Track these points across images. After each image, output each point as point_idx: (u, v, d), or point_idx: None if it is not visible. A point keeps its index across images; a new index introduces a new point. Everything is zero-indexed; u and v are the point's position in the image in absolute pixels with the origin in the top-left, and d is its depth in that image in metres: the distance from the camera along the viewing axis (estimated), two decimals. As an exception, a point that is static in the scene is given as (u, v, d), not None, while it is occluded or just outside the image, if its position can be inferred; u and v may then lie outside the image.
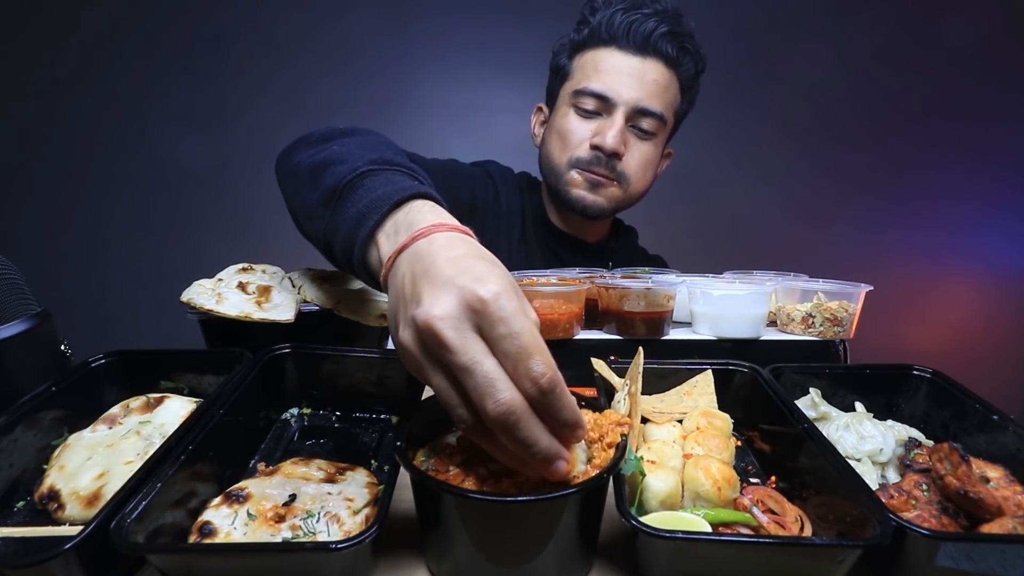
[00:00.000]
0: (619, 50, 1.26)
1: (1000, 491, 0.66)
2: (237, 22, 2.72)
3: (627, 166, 1.30)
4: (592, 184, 1.32)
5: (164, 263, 2.65)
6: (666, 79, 1.29)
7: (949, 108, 2.92)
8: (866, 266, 2.77)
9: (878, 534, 0.54)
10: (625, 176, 1.31)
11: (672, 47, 1.27)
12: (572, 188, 1.33)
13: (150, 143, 2.76)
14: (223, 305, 0.93)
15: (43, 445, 0.76)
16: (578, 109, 1.31)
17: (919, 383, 0.89)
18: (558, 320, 1.04)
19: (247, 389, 0.80)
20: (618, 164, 1.29)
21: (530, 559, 0.58)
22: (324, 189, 0.75)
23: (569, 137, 1.31)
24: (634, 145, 1.31)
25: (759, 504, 0.67)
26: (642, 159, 1.32)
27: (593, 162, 1.29)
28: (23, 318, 0.84)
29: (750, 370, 0.89)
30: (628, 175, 1.31)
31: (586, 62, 1.30)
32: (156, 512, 0.58)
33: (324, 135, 0.92)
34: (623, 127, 1.27)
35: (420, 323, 0.50)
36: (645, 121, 1.29)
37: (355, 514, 0.64)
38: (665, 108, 1.30)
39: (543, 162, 1.41)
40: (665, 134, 1.36)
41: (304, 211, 0.82)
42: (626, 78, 1.26)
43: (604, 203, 1.34)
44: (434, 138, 2.72)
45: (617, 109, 1.26)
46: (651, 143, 1.32)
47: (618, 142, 1.26)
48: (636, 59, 1.26)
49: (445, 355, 0.49)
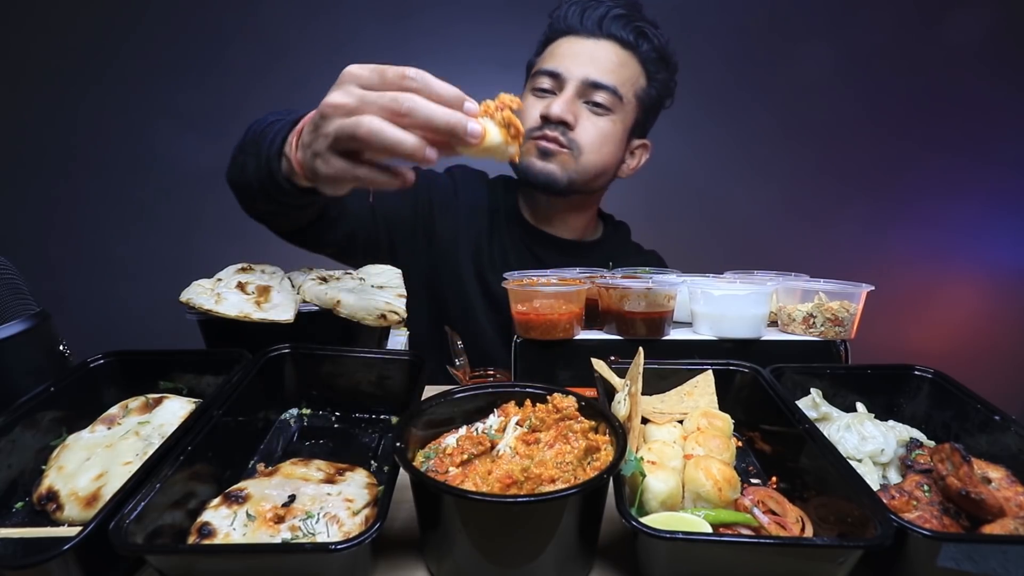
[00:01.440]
0: (575, 36, 1.32)
1: (1002, 492, 0.66)
2: (236, 21, 2.71)
3: (579, 136, 1.32)
4: (542, 152, 1.32)
5: (163, 263, 2.65)
6: (621, 58, 1.32)
7: (950, 107, 2.91)
8: (867, 266, 2.76)
9: (879, 535, 0.54)
10: (577, 144, 1.32)
11: (625, 29, 1.31)
12: (525, 158, 1.35)
13: (149, 142, 2.76)
14: (222, 305, 0.93)
15: (42, 446, 0.76)
16: (534, 90, 1.35)
17: (920, 383, 0.89)
18: (558, 320, 1.04)
19: (246, 389, 0.80)
20: (569, 132, 1.31)
21: (530, 559, 0.58)
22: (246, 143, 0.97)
23: (524, 116, 1.35)
24: (587, 118, 1.33)
25: (760, 505, 0.67)
26: (597, 132, 1.33)
27: (543, 128, 1.31)
28: (22, 318, 0.84)
29: (751, 370, 0.89)
30: (580, 144, 1.32)
31: (546, 52, 1.37)
32: (155, 513, 0.58)
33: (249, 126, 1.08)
34: (572, 97, 1.30)
35: (341, 76, 0.71)
36: (597, 95, 1.31)
37: (355, 515, 0.64)
38: (620, 84, 1.31)
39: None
40: (625, 113, 1.36)
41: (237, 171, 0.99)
42: (578, 57, 1.31)
43: (556, 170, 1.33)
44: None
45: (567, 83, 1.30)
46: (607, 119, 1.33)
47: (564, 110, 1.29)
48: (590, 41, 1.31)
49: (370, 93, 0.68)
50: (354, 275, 1.11)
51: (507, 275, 1.14)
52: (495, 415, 0.75)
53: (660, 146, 3.02)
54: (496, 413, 0.75)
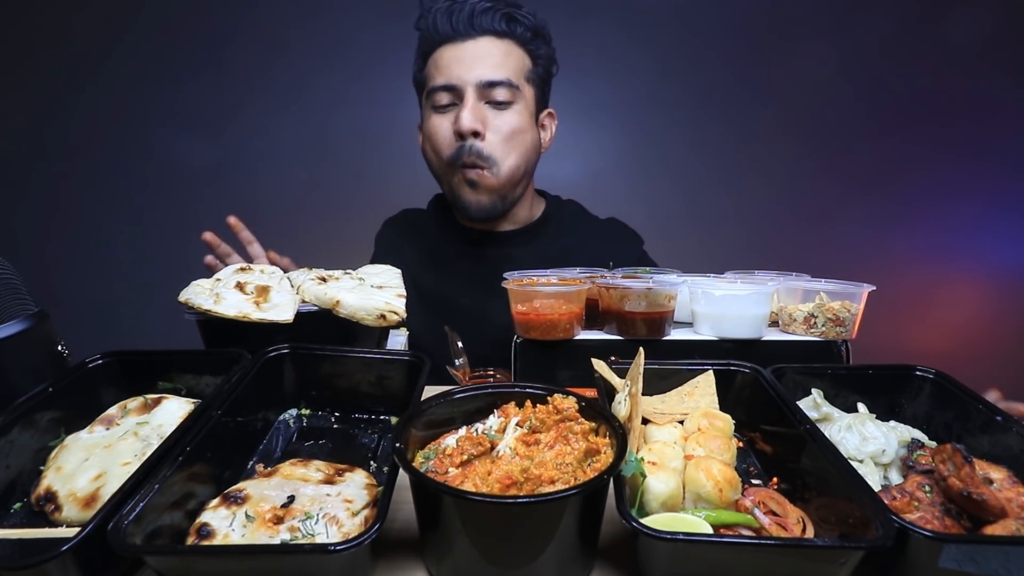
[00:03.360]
0: (451, 43, 1.33)
1: (1003, 492, 0.66)
2: (235, 21, 2.71)
3: (492, 146, 1.34)
4: (470, 183, 1.37)
5: (162, 263, 2.64)
6: (503, 49, 1.34)
7: (952, 107, 2.91)
8: (868, 266, 2.75)
9: (881, 536, 0.54)
10: (492, 159, 1.34)
11: (495, 20, 1.32)
12: (460, 191, 1.39)
13: (148, 142, 2.76)
14: (221, 305, 0.93)
15: (40, 446, 0.76)
16: (436, 109, 1.37)
17: (922, 384, 0.88)
18: (558, 320, 1.04)
19: (245, 390, 0.80)
20: (484, 147, 1.33)
21: (530, 560, 0.57)
22: None
23: (435, 137, 1.37)
24: (493, 119, 1.34)
25: (761, 505, 0.66)
26: (504, 132, 1.35)
27: (462, 153, 1.33)
28: (20, 318, 0.83)
29: (752, 371, 0.89)
30: (495, 157, 1.35)
31: (430, 66, 1.38)
32: (154, 513, 0.58)
33: None
34: (475, 104, 1.31)
35: None
36: (496, 92, 1.32)
37: (354, 516, 0.64)
38: (511, 74, 1.33)
39: (432, 174, 1.48)
40: (525, 100, 1.38)
41: None
42: (464, 62, 1.32)
43: (484, 199, 1.38)
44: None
45: (466, 91, 1.31)
46: (511, 112, 1.35)
47: (472, 120, 1.30)
48: (468, 42, 1.32)
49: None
50: (353, 275, 1.11)
51: (507, 275, 1.14)
52: (495, 416, 0.74)
53: (661, 145, 3.03)
54: (496, 414, 0.75)
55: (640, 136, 2.88)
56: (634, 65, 2.78)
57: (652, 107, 2.84)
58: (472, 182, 1.36)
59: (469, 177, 1.35)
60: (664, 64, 2.82)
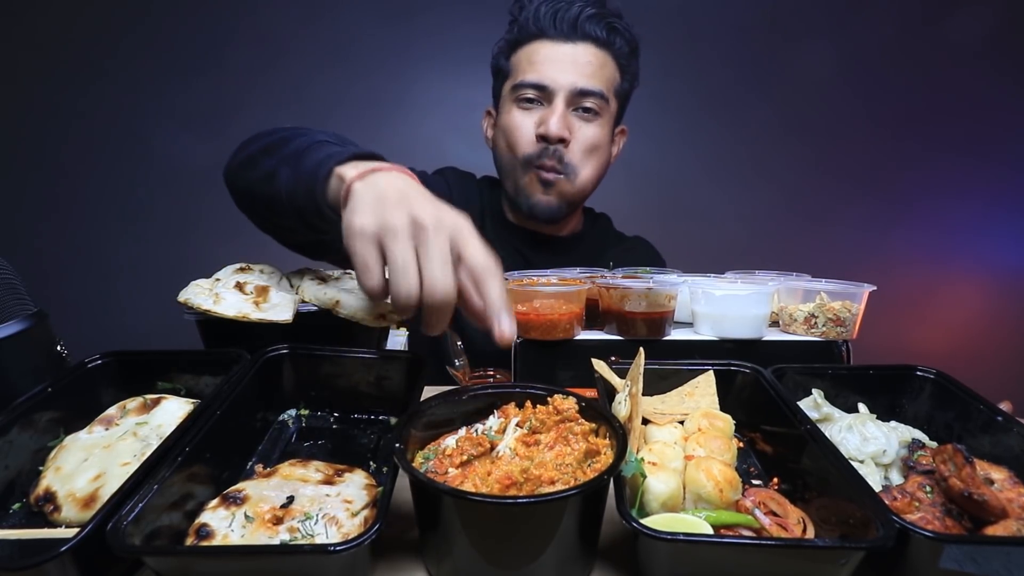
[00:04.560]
0: (549, 40, 1.30)
1: (1004, 493, 0.66)
2: (235, 19, 2.71)
3: (573, 154, 1.33)
4: (544, 184, 1.35)
5: (161, 262, 2.65)
6: (600, 59, 1.32)
7: (953, 107, 2.91)
8: (869, 266, 2.76)
9: (881, 536, 0.53)
10: (572, 166, 1.34)
11: (600, 28, 1.30)
12: (527, 191, 1.37)
13: (147, 141, 2.76)
14: (220, 305, 0.93)
15: (39, 447, 0.76)
16: (520, 103, 1.34)
17: (922, 384, 0.88)
18: (558, 320, 1.03)
19: (244, 390, 0.80)
20: (565, 154, 1.32)
21: (530, 561, 0.57)
22: (286, 153, 0.88)
23: (515, 133, 1.34)
24: (579, 129, 1.33)
25: (761, 506, 0.66)
26: (588, 143, 1.34)
27: (543, 155, 1.32)
28: (19, 318, 0.83)
29: (752, 371, 0.88)
30: (574, 164, 1.34)
31: (521, 58, 1.34)
32: (153, 514, 0.58)
33: (269, 132, 1.02)
34: (564, 111, 1.30)
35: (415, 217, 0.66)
36: (586, 101, 1.31)
37: (354, 516, 0.64)
38: (604, 86, 1.32)
39: (498, 164, 1.45)
40: (610, 113, 1.38)
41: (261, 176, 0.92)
42: (560, 64, 1.29)
43: (555, 201, 1.36)
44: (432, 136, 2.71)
45: (556, 95, 1.29)
46: (596, 124, 1.35)
47: (561, 127, 1.28)
48: (567, 45, 1.29)
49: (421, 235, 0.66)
50: (353, 275, 1.11)
51: (507, 275, 1.14)
52: (495, 416, 0.74)
53: (661, 145, 3.03)
54: (496, 414, 0.75)
55: (640, 136, 2.88)
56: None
57: (652, 107, 2.84)
58: (547, 183, 1.34)
59: (545, 178, 1.34)
60: (664, 64, 2.82)
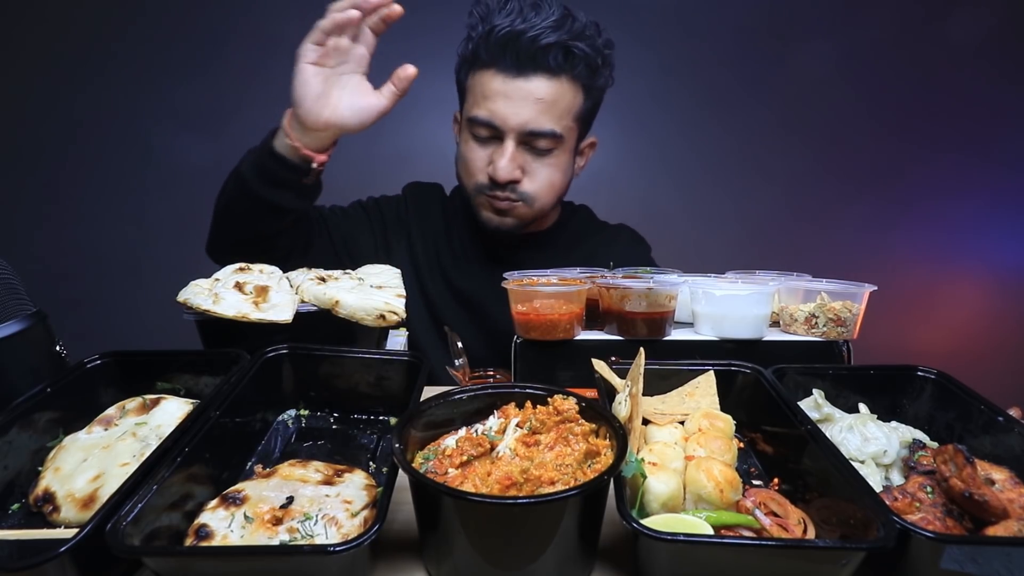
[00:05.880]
0: (500, 73, 1.23)
1: (1005, 493, 0.66)
2: (234, 20, 2.71)
3: (528, 187, 1.31)
4: (497, 210, 1.34)
5: (161, 263, 2.64)
6: (555, 92, 1.24)
7: (954, 107, 2.91)
8: (870, 266, 2.75)
9: (882, 537, 0.53)
10: (528, 196, 1.32)
11: (556, 57, 1.21)
12: (481, 211, 1.37)
13: (147, 141, 2.75)
14: (220, 305, 0.93)
15: (38, 447, 0.76)
16: (474, 136, 1.31)
17: (923, 384, 0.88)
18: (558, 320, 1.03)
19: (244, 390, 0.80)
20: (518, 187, 1.30)
21: (530, 561, 0.57)
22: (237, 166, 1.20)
23: (469, 165, 1.33)
24: (532, 166, 1.29)
25: (761, 506, 0.66)
26: (544, 179, 1.31)
27: (494, 188, 1.30)
28: (18, 318, 0.83)
29: (753, 371, 0.88)
30: (531, 194, 1.32)
31: (474, 85, 1.28)
32: (152, 514, 0.58)
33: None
34: (514, 153, 1.26)
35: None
36: (539, 142, 1.26)
37: (353, 516, 0.64)
38: (557, 123, 1.26)
39: (458, 177, 1.44)
40: (568, 140, 1.32)
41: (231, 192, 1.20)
42: (511, 102, 1.23)
43: (512, 222, 1.36)
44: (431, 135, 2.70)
45: (507, 136, 1.25)
46: (552, 157, 1.30)
47: (509, 171, 1.26)
48: (519, 81, 1.22)
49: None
50: (352, 275, 1.11)
51: (507, 275, 1.14)
52: (495, 416, 0.74)
53: (661, 145, 3.03)
54: (496, 414, 0.74)
55: (640, 136, 2.88)
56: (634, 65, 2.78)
57: (652, 107, 2.84)
58: (500, 210, 1.33)
59: (499, 207, 1.33)
60: (664, 64, 2.81)
